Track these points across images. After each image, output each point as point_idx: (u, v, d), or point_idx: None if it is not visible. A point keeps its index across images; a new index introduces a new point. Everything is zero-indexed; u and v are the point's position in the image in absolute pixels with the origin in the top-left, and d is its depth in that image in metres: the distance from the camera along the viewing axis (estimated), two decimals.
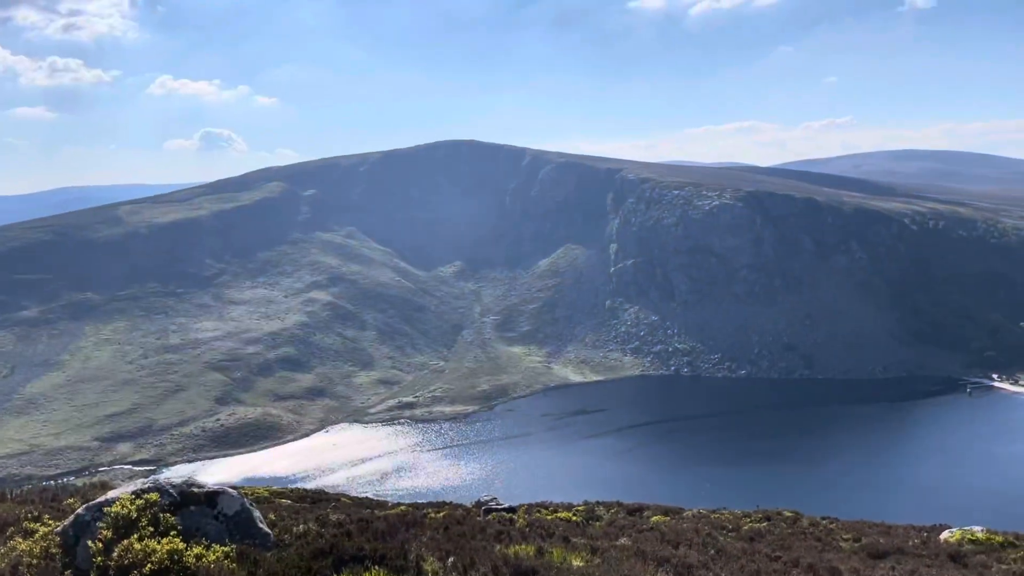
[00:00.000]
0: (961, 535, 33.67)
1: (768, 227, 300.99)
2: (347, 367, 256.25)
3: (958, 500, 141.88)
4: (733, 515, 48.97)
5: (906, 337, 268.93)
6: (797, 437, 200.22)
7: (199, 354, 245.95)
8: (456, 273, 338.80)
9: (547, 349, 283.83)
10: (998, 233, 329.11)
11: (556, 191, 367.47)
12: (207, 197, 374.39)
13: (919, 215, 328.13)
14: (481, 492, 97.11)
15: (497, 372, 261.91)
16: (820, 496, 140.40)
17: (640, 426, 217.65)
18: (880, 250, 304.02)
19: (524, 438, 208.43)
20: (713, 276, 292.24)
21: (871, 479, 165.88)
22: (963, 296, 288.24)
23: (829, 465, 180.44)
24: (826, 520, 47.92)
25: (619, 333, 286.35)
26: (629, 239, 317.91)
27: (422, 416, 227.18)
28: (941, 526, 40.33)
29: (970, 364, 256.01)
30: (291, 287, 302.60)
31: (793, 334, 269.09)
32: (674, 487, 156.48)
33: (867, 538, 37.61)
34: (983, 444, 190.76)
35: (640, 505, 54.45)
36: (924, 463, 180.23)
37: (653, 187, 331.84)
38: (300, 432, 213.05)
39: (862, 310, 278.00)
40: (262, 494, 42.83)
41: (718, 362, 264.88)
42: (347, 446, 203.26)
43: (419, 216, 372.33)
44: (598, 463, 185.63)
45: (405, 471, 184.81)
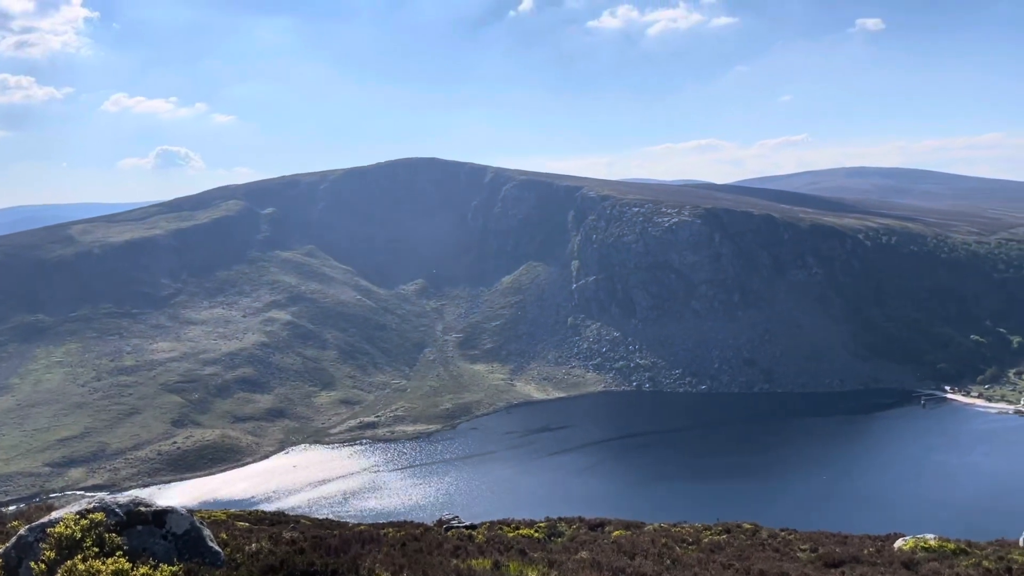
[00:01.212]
0: (914, 543, 34.25)
1: (727, 243, 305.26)
2: (307, 387, 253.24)
3: (913, 510, 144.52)
4: (694, 528, 49.27)
5: (861, 351, 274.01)
6: (757, 451, 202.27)
7: (155, 376, 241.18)
8: (418, 291, 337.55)
9: (510, 366, 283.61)
10: (948, 248, 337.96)
11: (518, 209, 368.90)
12: (163, 216, 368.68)
13: (872, 231, 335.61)
14: (443, 511, 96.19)
15: (460, 390, 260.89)
16: (779, 508, 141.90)
17: (603, 442, 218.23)
18: (835, 265, 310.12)
19: (487, 456, 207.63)
20: (673, 292, 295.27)
21: (829, 491, 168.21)
22: (915, 310, 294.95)
23: (789, 478, 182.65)
24: (785, 531, 48.45)
25: (581, 349, 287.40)
26: (590, 256, 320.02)
27: (384, 436, 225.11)
28: (896, 535, 41.02)
29: (923, 376, 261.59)
30: (250, 306, 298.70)
31: (752, 349, 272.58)
32: (636, 502, 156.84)
33: (824, 548, 38.11)
34: (937, 455, 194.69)
35: (602, 520, 54.53)
36: (880, 474, 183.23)
37: (613, 204, 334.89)
38: (259, 454, 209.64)
39: (819, 324, 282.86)
40: (219, 517, 41.99)
41: (679, 377, 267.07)
42: (308, 467, 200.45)
43: (380, 234, 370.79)
44: (561, 480, 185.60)
45: (367, 492, 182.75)
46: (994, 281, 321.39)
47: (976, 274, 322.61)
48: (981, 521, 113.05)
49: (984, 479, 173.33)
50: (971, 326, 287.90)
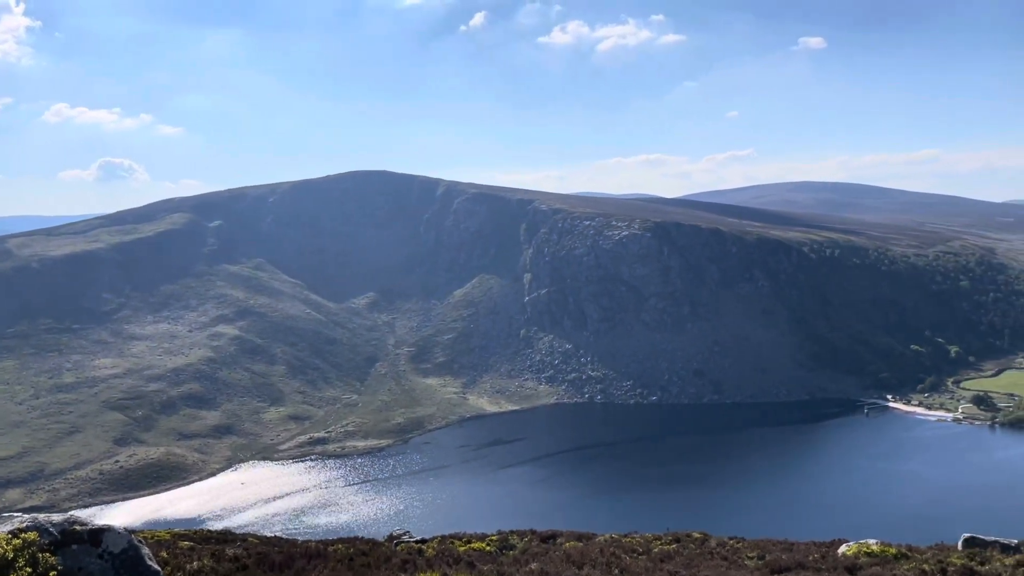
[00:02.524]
0: (858, 548, 34.87)
1: (675, 256, 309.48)
2: (255, 403, 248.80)
3: (856, 516, 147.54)
4: (644, 538, 49.57)
5: (807, 361, 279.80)
6: (707, 461, 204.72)
7: (96, 393, 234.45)
8: (369, 304, 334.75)
9: (462, 380, 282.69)
10: (888, 261, 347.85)
11: (470, 222, 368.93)
12: (106, 229, 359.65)
13: (817, 244, 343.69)
14: (395, 526, 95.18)
15: (412, 404, 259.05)
16: (728, 517, 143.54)
17: (556, 454, 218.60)
18: (782, 278, 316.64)
19: (440, 470, 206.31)
20: (624, 305, 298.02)
21: (777, 499, 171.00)
22: (858, 321, 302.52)
23: (738, 487, 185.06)
24: (733, 540, 49.00)
25: (534, 362, 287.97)
26: (542, 269, 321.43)
27: (335, 451, 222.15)
28: (839, 540, 41.74)
29: (866, 386, 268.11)
30: (196, 321, 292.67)
31: (701, 360, 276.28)
32: (589, 513, 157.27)
33: (771, 555, 38.63)
34: (879, 462, 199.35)
35: (554, 532, 54.53)
36: (826, 482, 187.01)
37: (565, 218, 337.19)
38: (206, 472, 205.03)
39: (766, 336, 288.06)
40: (162, 536, 40.90)
41: (630, 389, 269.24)
42: (256, 484, 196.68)
43: (331, 247, 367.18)
44: (514, 492, 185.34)
45: (318, 508, 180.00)
46: (932, 293, 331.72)
47: (915, 286, 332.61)
48: (921, 526, 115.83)
49: (924, 485, 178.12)
50: (911, 336, 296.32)
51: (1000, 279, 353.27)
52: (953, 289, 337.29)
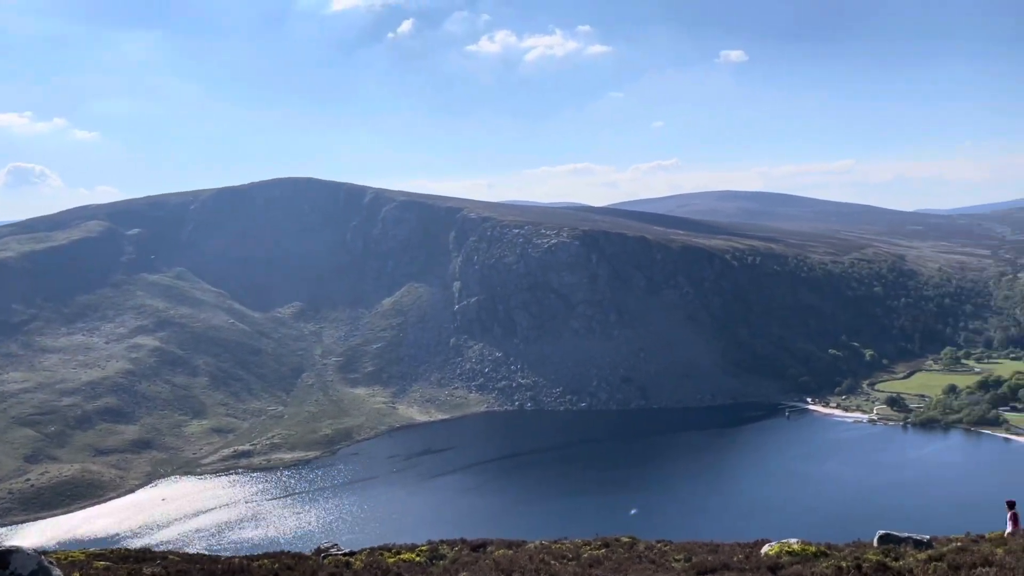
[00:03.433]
0: (780, 548, 35.72)
1: (603, 264, 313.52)
2: (177, 416, 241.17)
3: (779, 516, 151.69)
4: (574, 544, 49.89)
5: (730, 366, 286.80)
6: (636, 465, 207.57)
7: (5, 408, 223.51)
8: (295, 314, 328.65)
9: (392, 389, 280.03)
10: (807, 268, 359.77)
11: (399, 230, 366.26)
12: (15, 237, 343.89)
13: (739, 252, 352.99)
14: (323, 539, 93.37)
15: (340, 415, 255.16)
16: (656, 520, 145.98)
17: (487, 462, 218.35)
18: (705, 285, 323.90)
19: (369, 481, 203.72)
20: (553, 312, 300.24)
21: (703, 501, 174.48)
22: (779, 326, 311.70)
23: (665, 490, 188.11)
24: (661, 543, 49.72)
25: (464, 371, 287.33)
26: (472, 277, 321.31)
27: (260, 464, 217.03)
28: (762, 541, 42.75)
29: (787, 389, 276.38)
30: (113, 333, 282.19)
31: (629, 366, 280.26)
32: (520, 520, 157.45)
33: (697, 557, 39.36)
34: (800, 463, 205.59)
35: (484, 541, 54.39)
36: (749, 483, 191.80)
37: (494, 226, 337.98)
38: (124, 488, 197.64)
39: (691, 342, 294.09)
40: (76, 557, 39.18)
41: (560, 396, 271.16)
42: (178, 500, 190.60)
43: (255, 256, 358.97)
44: (445, 502, 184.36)
45: (244, 523, 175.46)
46: (848, 298, 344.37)
47: (832, 292, 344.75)
48: (840, 524, 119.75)
49: (842, 485, 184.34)
50: (829, 341, 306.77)
51: (911, 285, 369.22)
52: (867, 295, 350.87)
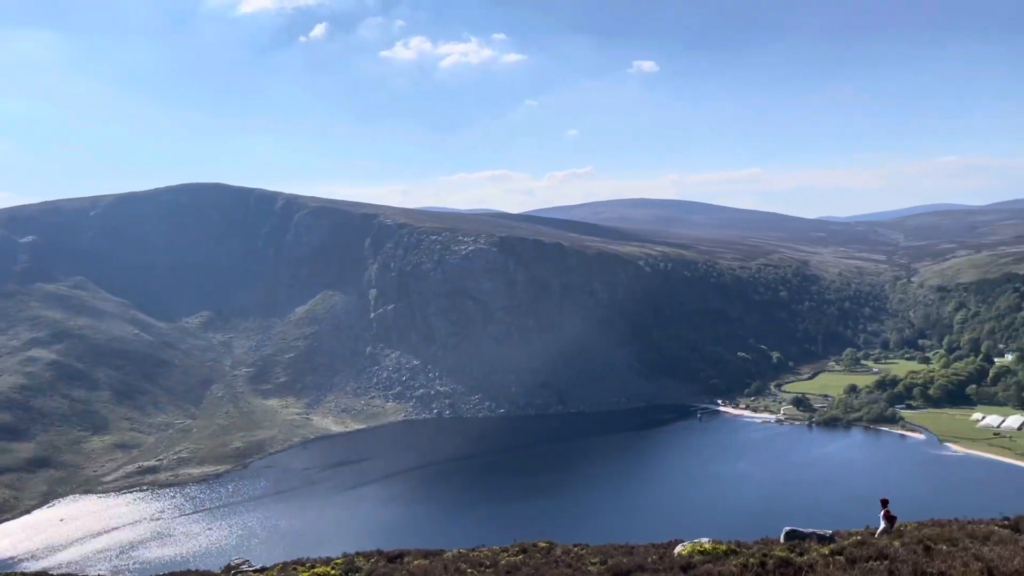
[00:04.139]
0: (692, 547, 36.41)
1: (520, 271, 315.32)
2: (76, 432, 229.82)
3: (692, 516, 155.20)
4: (492, 551, 49.76)
5: (644, 370, 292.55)
6: (554, 470, 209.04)
7: None
8: (203, 324, 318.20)
9: (306, 400, 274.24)
10: (716, 274, 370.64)
11: (312, 236, 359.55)
12: None
13: (651, 258, 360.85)
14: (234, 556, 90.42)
15: (251, 427, 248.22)
16: (574, 524, 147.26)
17: (405, 472, 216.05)
18: (619, 290, 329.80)
19: (283, 495, 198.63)
20: (471, 319, 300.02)
21: (619, 503, 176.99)
22: (690, 330, 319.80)
23: (582, 494, 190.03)
24: (578, 547, 50.11)
25: (381, 379, 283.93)
26: (388, 284, 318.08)
27: (167, 480, 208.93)
28: (676, 541, 43.58)
29: (699, 392, 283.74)
30: (5, 345, 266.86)
31: (547, 372, 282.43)
32: (439, 529, 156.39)
33: (612, 559, 39.81)
34: (712, 464, 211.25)
35: (401, 551, 53.71)
36: (663, 484, 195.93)
37: (411, 232, 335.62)
38: (19, 509, 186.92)
39: (606, 346, 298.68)
40: None
41: (479, 402, 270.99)
42: (79, 520, 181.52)
43: (161, 263, 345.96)
44: (363, 513, 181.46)
45: (150, 541, 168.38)
46: (755, 303, 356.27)
47: (740, 297, 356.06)
48: (750, 522, 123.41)
49: (752, 483, 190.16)
50: (738, 344, 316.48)
51: (814, 289, 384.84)
52: (773, 299, 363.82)
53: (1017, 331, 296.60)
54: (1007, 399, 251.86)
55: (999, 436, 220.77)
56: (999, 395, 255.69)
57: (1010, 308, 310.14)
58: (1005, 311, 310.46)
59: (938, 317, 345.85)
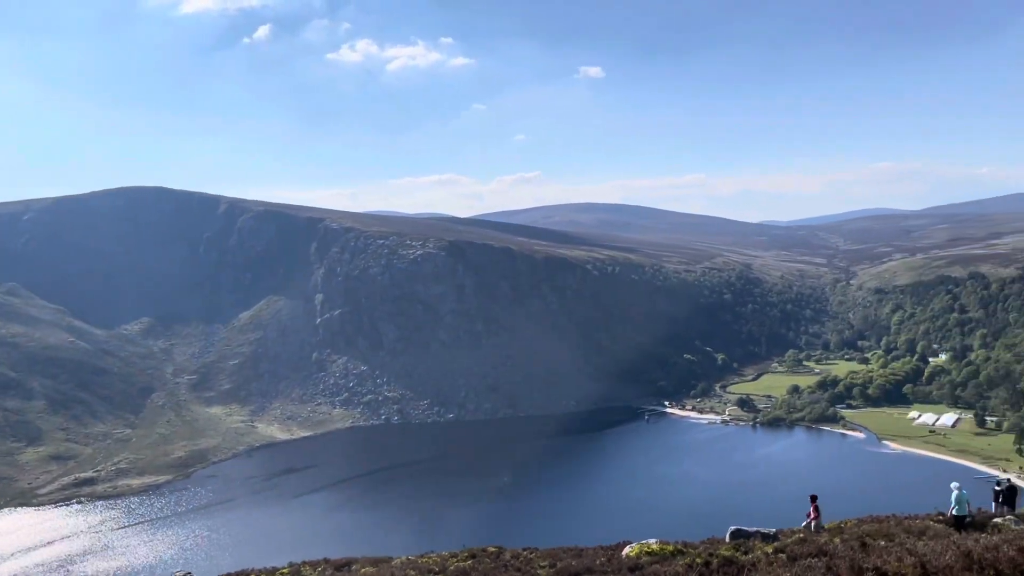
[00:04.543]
0: (640, 549, 36.70)
1: (469, 275, 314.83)
2: (9, 443, 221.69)
3: (640, 517, 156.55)
4: (441, 557, 49.47)
5: (593, 372, 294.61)
6: (502, 474, 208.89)
7: None
8: (143, 330, 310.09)
9: (250, 407, 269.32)
10: (663, 277, 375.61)
11: (256, 240, 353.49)
12: None
13: (599, 262, 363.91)
14: (176, 568, 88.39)
15: (194, 436, 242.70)
16: (523, 528, 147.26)
17: (353, 479, 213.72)
18: (568, 294, 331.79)
19: (227, 504, 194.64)
20: (419, 323, 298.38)
21: (568, 506, 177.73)
22: (637, 333, 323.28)
23: (532, 498, 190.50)
24: (527, 551, 50.14)
25: (327, 385, 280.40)
26: (335, 289, 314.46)
27: (106, 492, 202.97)
28: (624, 542, 43.91)
29: (646, 394, 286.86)
30: None
31: (496, 376, 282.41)
32: (388, 536, 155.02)
33: (562, 562, 39.93)
34: (659, 465, 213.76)
35: (349, 559, 53.09)
36: (612, 486, 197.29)
37: (358, 236, 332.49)
38: None
39: (555, 350, 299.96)
40: None
41: (427, 408, 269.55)
42: (11, 534, 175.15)
43: (99, 269, 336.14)
44: (310, 521, 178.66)
45: (88, 555, 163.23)
46: (701, 306, 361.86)
47: (686, 299, 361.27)
48: (696, 523, 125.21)
49: (698, 484, 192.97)
50: (684, 346, 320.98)
51: (757, 292, 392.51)
52: (718, 302, 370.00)
53: (950, 332, 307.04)
54: (941, 397, 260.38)
55: (934, 433, 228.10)
56: (934, 394, 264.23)
57: (943, 309, 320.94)
58: (939, 312, 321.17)
59: (876, 319, 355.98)
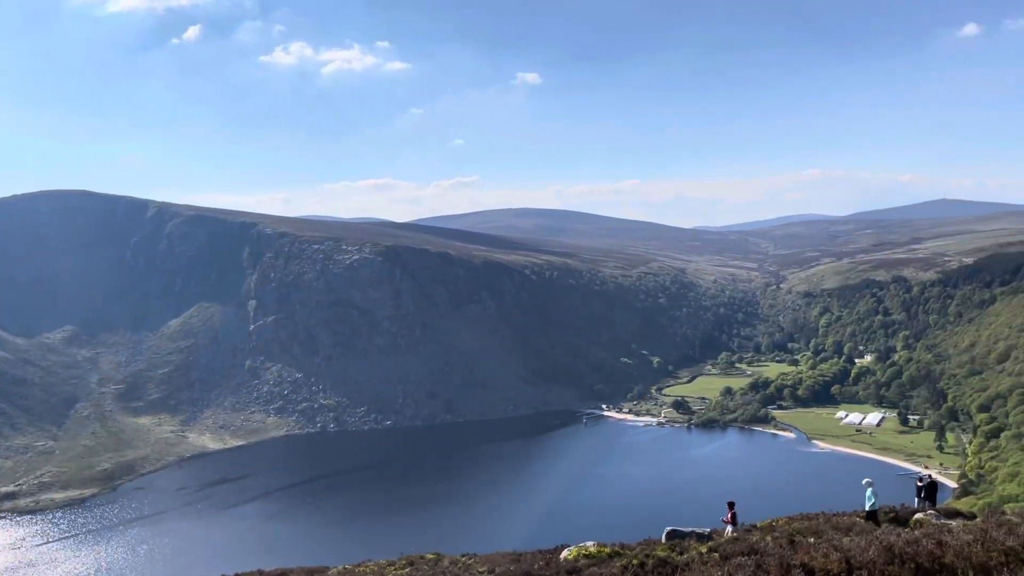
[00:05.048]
0: (577, 551, 36.92)
1: (407, 280, 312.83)
2: None
3: (578, 520, 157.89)
4: (378, 565, 48.96)
5: (532, 377, 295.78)
6: (441, 480, 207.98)
7: None
8: (67, 339, 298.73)
9: (181, 417, 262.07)
10: (599, 281, 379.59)
11: (186, 245, 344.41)
12: None
13: (537, 267, 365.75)
14: None
15: (121, 448, 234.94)
16: (462, 534, 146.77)
17: (288, 488, 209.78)
18: (506, 299, 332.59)
19: (158, 517, 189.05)
20: (356, 329, 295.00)
21: (507, 511, 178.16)
22: (575, 337, 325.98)
23: (470, 503, 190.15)
24: (466, 557, 50.02)
25: (261, 393, 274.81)
26: (269, 295, 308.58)
27: (28, 507, 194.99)
28: (562, 546, 44.13)
29: (584, 397, 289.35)
30: None
31: (434, 382, 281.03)
32: (324, 545, 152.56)
33: (500, 568, 39.94)
34: (597, 467, 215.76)
35: (283, 570, 52.16)
36: (551, 490, 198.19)
37: (292, 241, 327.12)
38: None
39: (494, 355, 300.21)
40: None
41: (364, 415, 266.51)
42: None
43: (19, 276, 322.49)
44: (244, 532, 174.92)
45: (9, 573, 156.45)
46: (637, 309, 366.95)
47: (622, 304, 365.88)
48: (633, 524, 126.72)
49: (636, 485, 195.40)
50: (621, 350, 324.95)
51: (691, 296, 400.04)
52: (654, 306, 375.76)
53: (875, 334, 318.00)
54: (867, 397, 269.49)
55: (860, 432, 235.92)
56: (860, 394, 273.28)
57: (868, 312, 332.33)
58: (864, 315, 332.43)
59: (805, 321, 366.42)
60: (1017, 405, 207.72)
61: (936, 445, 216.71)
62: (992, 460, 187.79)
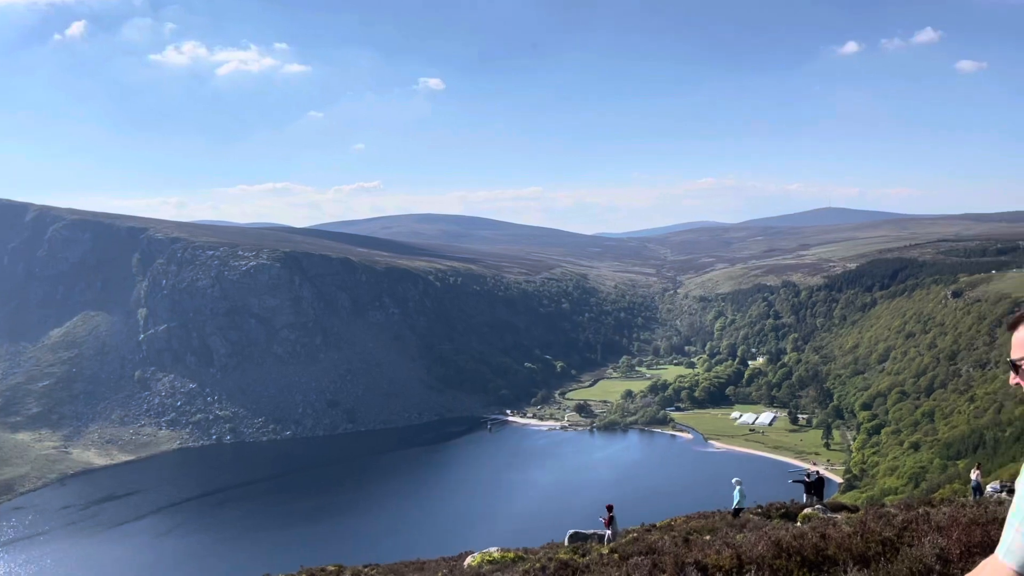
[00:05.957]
0: (481, 558, 36.91)
1: (307, 286, 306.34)
2: None
3: (483, 526, 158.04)
4: None
5: (436, 383, 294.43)
6: (343, 491, 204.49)
7: None
8: None
9: (64, 432, 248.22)
10: (503, 287, 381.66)
11: (70, 251, 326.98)
12: None
13: (441, 272, 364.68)
14: None
15: None
16: (365, 544, 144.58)
17: (182, 503, 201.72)
18: (410, 305, 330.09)
19: (39, 538, 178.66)
20: (253, 338, 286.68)
21: (411, 520, 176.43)
22: (480, 343, 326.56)
23: (373, 513, 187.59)
24: (368, 567, 49.22)
25: (152, 405, 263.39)
26: (160, 303, 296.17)
27: None
28: (466, 552, 44.05)
29: (489, 403, 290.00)
30: None
31: (336, 390, 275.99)
32: (219, 562, 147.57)
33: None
34: (502, 473, 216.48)
35: None
36: (455, 497, 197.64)
37: (185, 247, 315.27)
38: None
39: (397, 362, 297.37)
40: None
41: (262, 425, 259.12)
42: None
43: None
44: (132, 551, 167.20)
45: None
46: (540, 315, 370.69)
47: (526, 309, 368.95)
48: (537, 528, 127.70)
49: (539, 489, 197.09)
50: (525, 355, 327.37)
51: (592, 301, 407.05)
52: (557, 311, 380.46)
53: (767, 336, 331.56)
54: (759, 398, 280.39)
55: (754, 432, 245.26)
56: (753, 395, 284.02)
57: (760, 316, 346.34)
58: (756, 318, 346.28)
59: (701, 325, 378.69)
60: (896, 403, 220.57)
61: (823, 443, 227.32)
62: (874, 455, 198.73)
